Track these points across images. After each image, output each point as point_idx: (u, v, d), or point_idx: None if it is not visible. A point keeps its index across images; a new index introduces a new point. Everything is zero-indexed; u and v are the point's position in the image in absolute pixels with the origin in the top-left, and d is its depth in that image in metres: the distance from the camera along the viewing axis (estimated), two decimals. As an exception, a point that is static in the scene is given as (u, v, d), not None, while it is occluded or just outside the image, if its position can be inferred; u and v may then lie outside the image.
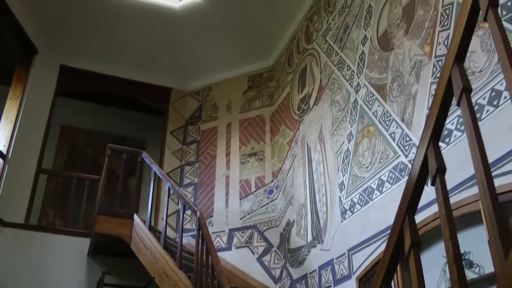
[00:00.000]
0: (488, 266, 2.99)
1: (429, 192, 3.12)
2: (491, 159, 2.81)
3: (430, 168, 1.62)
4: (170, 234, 6.35)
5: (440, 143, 1.68)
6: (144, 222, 5.69)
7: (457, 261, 1.42)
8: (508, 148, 2.85)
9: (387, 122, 4.32)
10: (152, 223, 5.96)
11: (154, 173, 5.94)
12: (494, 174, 2.72)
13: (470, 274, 3.05)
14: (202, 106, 8.00)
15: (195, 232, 4.74)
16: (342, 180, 4.94)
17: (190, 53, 7.74)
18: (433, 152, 1.62)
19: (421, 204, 1.78)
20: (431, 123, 1.65)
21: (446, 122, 3.23)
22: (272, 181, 6.78)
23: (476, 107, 3.16)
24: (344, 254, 4.64)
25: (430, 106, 1.67)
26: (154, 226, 6.46)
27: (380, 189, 4.25)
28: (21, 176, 6.50)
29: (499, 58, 1.38)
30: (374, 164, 4.41)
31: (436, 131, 1.65)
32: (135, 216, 5.84)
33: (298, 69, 6.70)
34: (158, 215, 7.05)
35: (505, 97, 3.00)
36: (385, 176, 4.21)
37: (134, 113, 8.82)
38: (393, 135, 4.20)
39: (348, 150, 4.95)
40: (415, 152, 1.72)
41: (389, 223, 3.80)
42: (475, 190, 2.81)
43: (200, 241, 4.59)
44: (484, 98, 3.16)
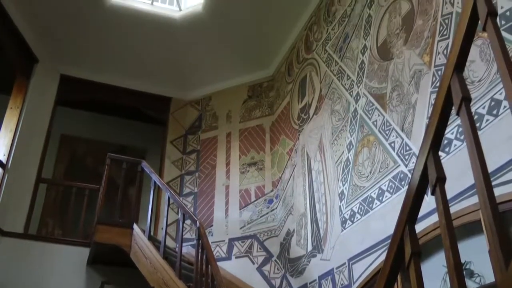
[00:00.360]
0: (488, 276, 2.98)
1: (429, 201, 3.12)
2: (491, 169, 2.81)
3: (430, 177, 1.62)
4: (170, 243, 6.33)
5: (440, 153, 1.68)
6: (143, 231, 5.67)
7: (457, 270, 1.41)
8: (508, 157, 2.85)
9: (387, 132, 4.32)
10: (151, 233, 5.95)
11: (154, 182, 5.94)
12: (494, 183, 2.72)
13: (470, 284, 3.04)
14: (202, 116, 8.00)
15: (195, 241, 4.73)
16: (342, 189, 4.94)
17: (190, 62, 7.76)
18: (433, 161, 1.62)
19: (421, 213, 1.77)
20: (431, 133, 1.65)
21: (446, 131, 3.23)
22: (272, 190, 6.78)
23: (475, 117, 3.17)
24: (344, 263, 4.63)
25: (429, 116, 1.67)
26: (154, 235, 6.45)
27: (380, 198, 4.25)
28: (20, 185, 6.49)
29: (498, 68, 1.38)
30: (374, 173, 4.41)
31: (436, 141, 1.65)
32: (135, 225, 5.83)
33: (298, 78, 6.72)
34: (157, 225, 7.04)
35: (504, 106, 3.01)
36: (385, 185, 4.20)
37: (134, 122, 8.83)
38: (393, 145, 4.20)
39: (348, 159, 4.95)
40: (415, 161, 1.72)
41: (389, 233, 3.79)
42: (475, 199, 2.81)
43: (200, 250, 4.58)
44: (483, 108, 3.16)
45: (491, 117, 3.08)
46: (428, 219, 3.41)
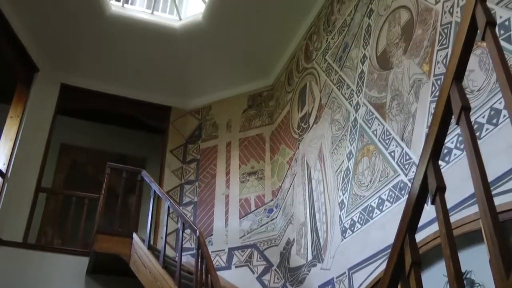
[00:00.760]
0: (489, 285, 2.97)
1: (429, 210, 3.12)
2: (491, 178, 2.81)
3: (430, 186, 1.62)
4: (170, 253, 6.31)
5: (439, 162, 1.69)
6: (143, 240, 5.66)
7: (458, 280, 1.41)
8: (508, 166, 2.85)
9: (387, 141, 4.33)
10: (151, 242, 5.93)
11: (154, 191, 5.93)
12: (494, 192, 2.72)
13: (471, 294, 3.03)
14: (202, 125, 8.01)
15: (195, 251, 4.71)
16: (342, 198, 4.93)
17: (190, 72, 7.78)
18: (432, 170, 1.62)
19: (421, 222, 1.77)
20: (431, 142, 1.65)
21: (446, 140, 3.24)
22: (272, 200, 6.77)
23: (475, 126, 3.17)
24: (344, 273, 4.61)
25: (429, 125, 1.68)
26: (153, 245, 6.43)
27: (380, 207, 4.24)
28: (20, 194, 6.48)
29: (497, 77, 1.38)
30: (374, 182, 4.40)
31: (435, 150, 1.65)
32: (134, 234, 5.82)
33: (298, 88, 6.73)
34: (157, 234, 7.02)
35: (504, 115, 3.01)
36: (385, 194, 4.20)
37: (134, 131, 8.84)
38: (392, 154, 4.20)
39: (348, 168, 4.95)
40: (415, 170, 1.72)
41: (389, 242, 3.78)
42: (476, 208, 2.81)
43: (199, 260, 4.57)
44: (483, 117, 3.17)
45: (491, 126, 3.08)
46: (428, 228, 3.40)
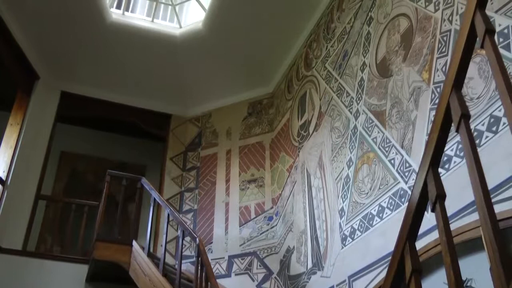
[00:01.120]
0: (490, 294, 2.95)
1: (429, 218, 3.11)
2: (491, 185, 2.80)
3: (430, 194, 1.61)
4: (169, 260, 6.30)
5: (439, 169, 1.69)
6: (143, 248, 5.65)
7: (458, 288, 1.41)
8: (508, 174, 2.85)
9: (387, 148, 4.33)
10: (151, 250, 5.92)
11: (154, 199, 5.92)
12: (494, 200, 2.72)
13: (472, 302, 3.02)
14: (202, 133, 8.01)
15: (195, 258, 4.70)
16: (342, 206, 4.93)
17: (190, 79, 7.79)
18: (432, 178, 1.62)
19: (421, 230, 1.77)
20: (431, 150, 1.65)
21: (446, 148, 3.24)
22: (272, 207, 6.76)
23: (475, 133, 3.17)
24: (344, 281, 4.60)
25: (429, 132, 1.68)
26: (153, 252, 6.42)
27: (380, 215, 4.24)
28: (20, 202, 6.48)
29: (497, 85, 1.39)
30: (374, 190, 4.40)
31: (435, 158, 1.65)
32: (134, 242, 5.81)
33: (298, 95, 6.74)
34: (157, 242, 7.00)
35: (504, 123, 3.01)
36: (385, 202, 4.19)
37: (134, 139, 8.84)
38: (392, 161, 4.20)
39: (348, 176, 4.95)
40: (415, 178, 1.72)
41: (389, 250, 3.78)
42: (476, 216, 2.80)
43: (199, 267, 4.55)
44: (483, 124, 3.17)
45: (491, 133, 3.09)
46: (428, 236, 3.39)
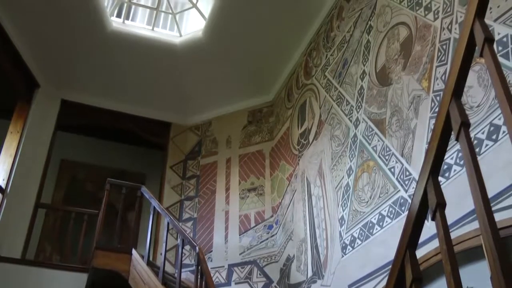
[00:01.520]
0: (491, 303, 2.94)
1: (429, 226, 3.10)
2: (491, 194, 2.80)
3: (430, 203, 1.61)
4: (169, 269, 6.28)
5: (439, 178, 1.68)
6: (142, 257, 5.63)
7: (459, 297, 1.40)
8: (508, 182, 2.85)
9: (387, 157, 4.33)
10: (150, 258, 5.90)
11: (153, 207, 5.91)
12: (494, 208, 2.71)
13: (472, 311, 3.01)
14: (201, 141, 8.02)
15: (194, 267, 4.69)
16: (342, 215, 4.92)
17: (190, 88, 7.81)
18: (432, 186, 1.62)
19: (422, 239, 1.76)
20: (430, 158, 1.65)
21: (446, 156, 3.24)
22: (271, 216, 6.75)
23: (475, 142, 3.17)
24: (344, 290, 4.58)
25: (429, 141, 1.68)
26: (153, 261, 6.40)
27: (380, 224, 4.23)
28: (19, 210, 6.46)
29: (496, 93, 1.39)
30: (374, 198, 4.40)
31: (435, 166, 1.65)
32: (134, 251, 5.79)
33: (298, 104, 6.75)
34: (156, 250, 6.99)
35: (503, 131, 3.01)
36: (385, 211, 4.19)
37: (134, 147, 8.85)
38: (392, 170, 4.20)
39: (348, 184, 4.94)
40: (415, 186, 1.72)
41: (390, 258, 3.77)
42: (476, 224, 2.80)
43: (199, 276, 4.54)
44: (483, 133, 3.17)
45: (491, 142, 3.09)
46: (429, 245, 3.39)
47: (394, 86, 4.48)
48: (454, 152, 3.44)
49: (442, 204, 1.58)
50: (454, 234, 3.05)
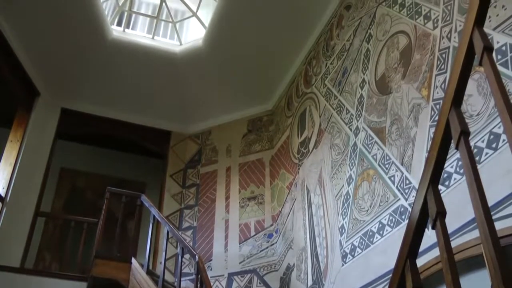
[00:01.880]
0: (491, 312, 2.93)
1: (430, 235, 3.10)
2: (492, 202, 2.80)
3: (430, 211, 1.61)
4: (169, 278, 6.26)
5: (439, 186, 1.68)
6: (142, 265, 5.61)
7: (459, 306, 1.40)
8: (508, 191, 2.84)
9: (387, 165, 4.32)
10: (150, 267, 5.88)
11: (153, 216, 5.90)
12: (494, 217, 2.71)
13: (473, 320, 2.99)
14: (201, 150, 8.01)
15: (194, 276, 4.68)
16: (342, 223, 4.91)
17: (190, 96, 7.82)
18: (432, 195, 1.62)
19: (422, 247, 1.76)
20: (430, 167, 1.65)
21: (446, 165, 3.23)
22: (271, 224, 6.73)
23: (475, 150, 3.17)
24: (345, 299, 4.56)
25: (429, 150, 1.68)
26: (152, 270, 6.38)
27: (380, 232, 4.22)
28: (19, 218, 6.45)
29: (495, 102, 1.39)
30: (374, 207, 4.39)
31: (435, 175, 1.65)
32: (133, 259, 5.77)
33: (298, 112, 6.76)
34: (156, 259, 6.97)
35: (503, 140, 3.01)
36: (385, 219, 4.18)
37: (134, 156, 8.84)
38: (392, 178, 4.19)
39: (347, 193, 4.93)
40: (415, 195, 1.71)
41: (390, 267, 3.75)
42: (477, 233, 2.79)
43: (199, 285, 4.52)
44: (482, 141, 3.17)
45: (491, 150, 3.09)
46: (429, 253, 3.38)
47: (393, 94, 4.49)
48: (454, 160, 3.44)
49: (442, 212, 1.57)
50: (454, 243, 3.04)
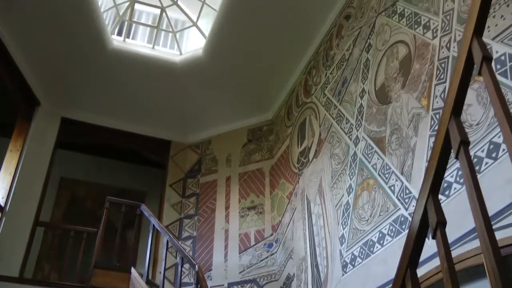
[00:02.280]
0: (492, 322, 2.91)
1: (430, 245, 3.09)
2: (492, 212, 2.79)
3: (431, 221, 1.61)
4: (168, 288, 6.23)
5: (440, 196, 1.68)
6: (141, 275, 5.60)
7: (460, 316, 1.39)
8: (508, 200, 2.84)
9: (387, 175, 4.32)
10: (149, 277, 5.86)
11: (153, 226, 5.89)
12: (495, 227, 2.70)
13: (474, 331, 2.98)
14: (201, 159, 8.01)
15: (194, 286, 4.66)
16: (342, 233, 4.89)
17: (190, 106, 7.83)
18: (432, 205, 1.62)
19: (422, 257, 1.75)
20: (430, 176, 1.65)
21: (446, 174, 3.23)
22: (271, 234, 6.72)
23: (475, 160, 3.17)
24: (345, 309, 4.54)
25: (429, 159, 1.68)
26: (152, 279, 6.35)
27: (381, 242, 4.21)
28: (18, 228, 6.44)
29: (495, 112, 1.39)
30: (374, 217, 4.38)
31: (435, 184, 1.65)
32: (133, 269, 5.76)
33: (297, 122, 6.76)
34: (156, 269, 6.94)
35: (503, 149, 3.01)
36: (385, 229, 4.17)
37: (134, 165, 8.84)
38: (392, 188, 4.19)
39: (348, 203, 4.93)
40: (415, 205, 1.71)
41: (391, 277, 3.74)
42: (477, 243, 2.78)
43: (198, 295, 4.51)
44: (482, 151, 3.17)
45: (491, 160, 3.08)
46: (430, 263, 3.36)
47: (393, 104, 4.50)
48: (454, 170, 3.44)
49: (442, 222, 1.57)
50: (455, 253, 3.03)
